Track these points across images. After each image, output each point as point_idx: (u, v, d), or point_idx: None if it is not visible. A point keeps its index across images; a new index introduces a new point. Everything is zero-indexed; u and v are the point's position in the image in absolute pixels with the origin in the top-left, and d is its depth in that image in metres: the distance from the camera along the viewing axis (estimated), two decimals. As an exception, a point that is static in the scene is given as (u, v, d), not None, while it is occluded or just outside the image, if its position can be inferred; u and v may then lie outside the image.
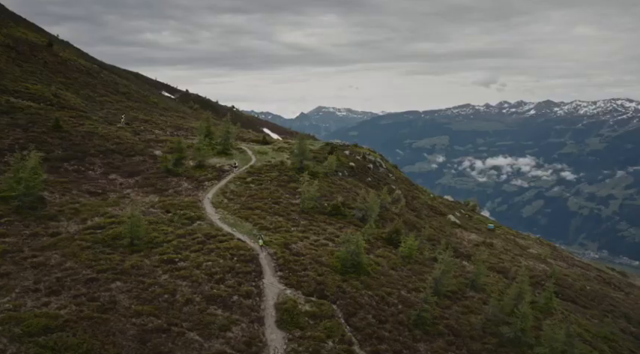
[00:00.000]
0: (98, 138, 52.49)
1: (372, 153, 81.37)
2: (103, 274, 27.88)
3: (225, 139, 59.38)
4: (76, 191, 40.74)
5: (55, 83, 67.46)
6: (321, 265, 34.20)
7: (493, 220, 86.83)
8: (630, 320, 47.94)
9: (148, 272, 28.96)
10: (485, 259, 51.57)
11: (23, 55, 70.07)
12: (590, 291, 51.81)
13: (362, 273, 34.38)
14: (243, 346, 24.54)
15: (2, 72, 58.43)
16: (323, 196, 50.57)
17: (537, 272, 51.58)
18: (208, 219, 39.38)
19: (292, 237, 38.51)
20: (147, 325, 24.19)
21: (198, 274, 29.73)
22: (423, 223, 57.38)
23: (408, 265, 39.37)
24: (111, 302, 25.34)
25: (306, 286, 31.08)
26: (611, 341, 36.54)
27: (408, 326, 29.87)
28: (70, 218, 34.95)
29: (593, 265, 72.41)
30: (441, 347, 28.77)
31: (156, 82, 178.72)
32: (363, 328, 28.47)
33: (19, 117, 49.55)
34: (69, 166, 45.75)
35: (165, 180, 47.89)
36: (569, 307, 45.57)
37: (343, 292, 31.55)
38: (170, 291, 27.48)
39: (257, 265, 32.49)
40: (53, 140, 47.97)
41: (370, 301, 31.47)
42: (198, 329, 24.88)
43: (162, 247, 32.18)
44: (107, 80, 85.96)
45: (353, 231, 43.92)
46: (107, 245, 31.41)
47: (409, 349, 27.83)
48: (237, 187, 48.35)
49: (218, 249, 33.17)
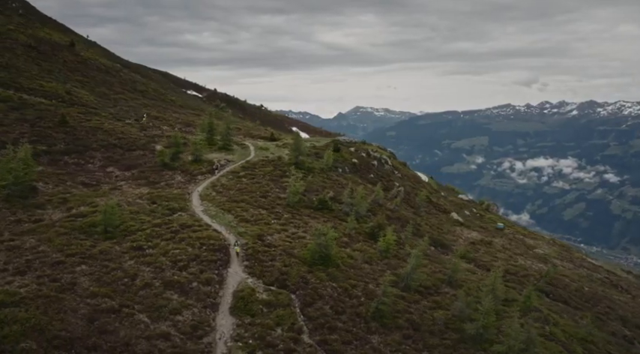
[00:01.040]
0: (102, 133, 54.91)
1: (381, 151, 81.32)
2: (72, 258, 29.54)
3: (225, 135, 60.80)
4: (70, 182, 42.94)
5: (72, 81, 70.79)
6: (291, 257, 34.87)
7: (505, 219, 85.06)
8: (626, 323, 46.30)
9: (114, 258, 30.44)
10: (477, 257, 51.04)
11: (44, 55, 73.87)
12: (588, 292, 50.29)
13: (331, 265, 34.82)
14: (189, 329, 25.55)
15: (19, 70, 61.89)
16: (314, 190, 51.24)
17: (532, 272, 50.49)
18: (191, 210, 40.74)
19: (270, 229, 39.38)
20: (99, 306, 25.57)
21: (163, 260, 31.00)
22: (419, 220, 57.14)
23: (385, 260, 39.52)
24: (71, 283, 26.89)
25: (268, 276, 31.86)
26: (589, 343, 35.53)
27: (365, 318, 30.16)
28: (57, 207, 36.98)
29: (604, 268, 69.92)
30: (395, 340, 28.91)
31: (185, 81, 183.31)
32: (316, 317, 28.98)
33: (29, 113, 52.45)
34: (69, 159, 48.15)
35: (160, 173, 49.68)
36: (558, 307, 44.49)
37: (306, 282, 32.12)
38: (131, 275, 28.83)
39: (225, 255, 33.50)
40: (57, 135, 50.55)
41: (332, 293, 31.92)
42: (148, 312, 26.08)
43: (135, 235, 33.65)
44: (126, 79, 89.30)
45: (336, 224, 44.52)
46: (83, 232, 33.14)
47: (360, 340, 28.16)
48: (228, 181, 49.62)
49: (189, 238, 34.38)
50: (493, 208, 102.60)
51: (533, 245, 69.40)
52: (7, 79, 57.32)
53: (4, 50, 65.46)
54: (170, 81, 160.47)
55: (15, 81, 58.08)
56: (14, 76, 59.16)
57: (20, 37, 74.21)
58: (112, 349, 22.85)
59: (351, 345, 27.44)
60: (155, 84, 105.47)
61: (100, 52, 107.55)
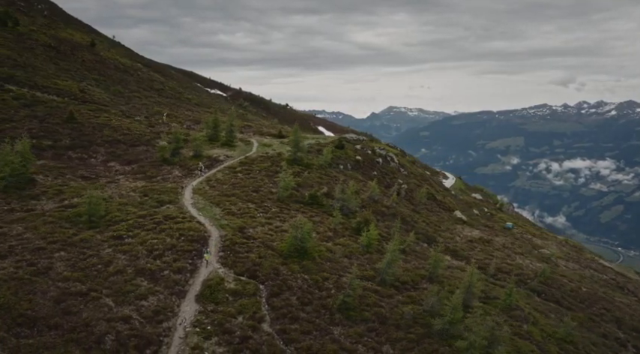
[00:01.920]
0: (108, 129, 57.14)
1: (390, 148, 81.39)
2: (53, 244, 31.23)
3: (228, 131, 62.19)
4: (70, 176, 45.04)
5: (88, 80, 73.73)
6: (268, 249, 35.72)
7: (515, 219, 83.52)
8: (621, 326, 45.09)
9: (93, 246, 31.99)
10: (471, 255, 50.62)
11: (63, 54, 77.17)
12: (585, 293, 49.16)
13: (307, 258, 35.48)
14: (151, 314, 26.72)
15: (36, 69, 64.94)
16: (309, 186, 51.96)
17: (527, 271, 49.72)
18: (180, 203, 42.11)
19: (253, 222, 40.34)
20: (69, 289, 27.05)
21: (139, 249, 32.36)
22: (416, 217, 57.06)
23: (367, 255, 39.85)
24: (46, 268, 28.50)
25: (240, 266, 32.78)
26: (567, 343, 34.89)
27: (331, 310, 30.68)
28: (51, 198, 38.97)
29: (614, 269, 67.93)
30: (358, 332, 29.30)
31: (210, 81, 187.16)
32: (281, 307, 29.71)
33: (39, 110, 55.13)
34: (73, 153, 50.41)
35: (159, 168, 51.40)
36: (549, 307, 43.79)
37: (277, 274, 32.88)
38: (105, 262, 30.27)
39: (202, 245, 34.62)
40: (64, 130, 52.96)
41: (302, 285, 32.56)
42: (115, 296, 27.40)
43: (118, 226, 35.18)
44: (143, 77, 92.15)
45: (323, 219, 45.14)
46: (70, 221, 34.88)
47: (321, 330, 28.71)
48: (223, 176, 50.88)
49: (170, 229, 35.68)
50: (509, 207, 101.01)
51: (541, 245, 68.08)
52: (22, 78, 60.29)
53: (23, 50, 68.78)
54: (194, 80, 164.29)
55: (30, 79, 61.04)
56: (30, 75, 62.15)
57: (41, 38, 77.75)
58: (72, 328, 24.21)
59: (310, 335, 28.02)
60: (174, 83, 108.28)
61: (122, 52, 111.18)
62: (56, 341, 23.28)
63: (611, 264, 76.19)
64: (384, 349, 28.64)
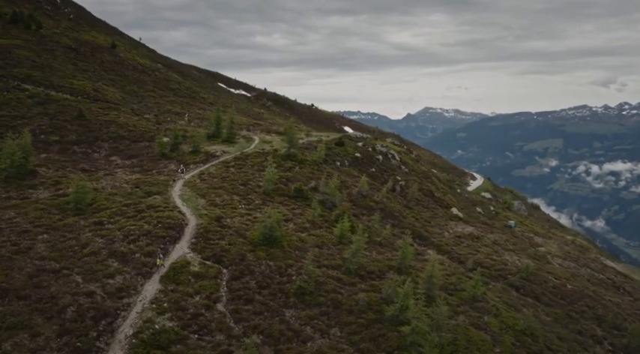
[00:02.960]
0: (115, 126, 60.67)
1: (393, 146, 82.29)
2: (38, 228, 34.31)
3: (229, 128, 64.81)
4: (70, 168, 48.47)
5: (104, 80, 77.96)
6: (240, 237, 37.88)
7: (519, 217, 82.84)
8: (602, 323, 45.04)
9: (75, 230, 34.91)
10: (455, 250, 51.39)
11: (82, 56, 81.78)
12: (569, 290, 49.13)
13: (275, 246, 37.45)
14: (115, 290, 29.26)
15: (53, 70, 69.42)
16: (298, 181, 53.83)
17: (511, 267, 50.05)
18: (168, 194, 44.76)
19: (233, 213, 42.58)
20: (44, 267, 29.94)
21: (117, 234, 35.07)
22: (407, 213, 58.10)
23: (339, 245, 41.42)
24: (27, 248, 31.52)
25: (208, 252, 35.04)
26: (526, 336, 35.42)
27: (287, 294, 32.55)
28: (47, 188, 42.32)
29: (617, 269, 66.86)
30: (309, 315, 31.06)
31: (235, 81, 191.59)
32: (238, 290, 31.78)
33: (51, 108, 59.16)
34: (78, 148, 54.01)
35: (156, 162, 54.41)
36: (526, 302, 44.25)
37: (242, 259, 34.98)
38: (82, 244, 33.09)
39: (178, 232, 37.12)
40: (72, 127, 56.72)
41: (264, 270, 34.55)
42: (84, 274, 30.11)
43: (101, 213, 38.07)
44: (160, 77, 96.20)
45: (304, 211, 46.97)
46: (59, 208, 37.98)
47: (273, 312, 30.61)
48: (216, 170, 53.39)
49: (150, 217, 38.30)
50: (520, 206, 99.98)
51: (540, 243, 67.79)
52: (39, 78, 64.69)
53: (43, 52, 73.50)
54: (218, 81, 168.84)
55: (47, 79, 65.41)
56: (47, 75, 66.55)
57: (63, 40, 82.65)
58: (39, 300, 26.99)
59: (261, 315, 29.98)
60: (192, 83, 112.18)
61: (144, 53, 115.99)
62: (22, 310, 26.09)
63: (618, 265, 74.81)
64: (331, 331, 30.31)
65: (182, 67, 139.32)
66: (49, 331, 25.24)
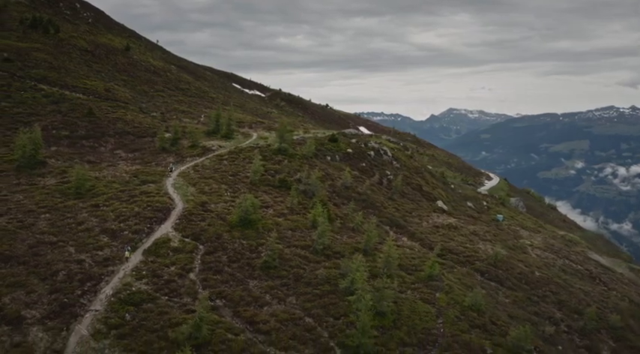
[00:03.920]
0: (122, 123, 66.05)
1: (387, 143, 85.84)
2: (42, 209, 39.47)
3: (227, 125, 69.54)
4: (77, 160, 53.77)
5: (116, 80, 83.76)
6: (220, 220, 42.37)
7: (511, 211, 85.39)
8: (562, 307, 47.87)
9: (73, 210, 39.94)
10: (427, 237, 54.87)
11: (97, 58, 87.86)
12: (537, 277, 52.02)
13: (250, 228, 41.80)
14: (102, 260, 34.06)
15: (68, 71, 75.38)
16: (286, 173, 58.08)
17: (481, 254, 53.17)
18: (162, 183, 49.59)
19: (219, 199, 47.14)
20: (43, 239, 34.95)
21: (110, 215, 39.97)
22: (388, 203, 61.75)
23: (312, 229, 45.44)
24: (31, 224, 36.61)
25: (188, 231, 39.62)
26: (472, 311, 38.66)
27: (254, 267, 36.83)
28: (54, 176, 47.61)
29: (600, 262, 69.01)
30: (270, 286, 35.26)
31: (250, 82, 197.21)
32: (210, 262, 36.21)
33: (64, 106, 64.88)
34: (86, 142, 59.43)
35: (156, 155, 59.42)
36: (489, 285, 47.46)
37: (218, 238, 39.43)
38: (78, 223, 38.06)
39: (165, 215, 41.84)
40: (82, 123, 62.25)
41: (237, 247, 38.91)
42: (77, 246, 34.99)
43: (98, 197, 43.07)
44: (171, 78, 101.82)
45: (285, 199, 51.14)
46: (62, 193, 43.15)
47: (238, 281, 34.93)
48: (210, 163, 58.08)
49: (141, 201, 43.14)
50: (518, 203, 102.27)
51: (524, 236, 70.41)
52: (55, 79, 70.64)
53: (60, 54, 79.66)
54: (233, 81, 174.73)
55: (61, 80, 71.33)
56: (62, 76, 72.50)
57: (80, 43, 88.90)
58: (36, 265, 31.92)
59: (226, 284, 34.35)
60: (203, 83, 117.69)
61: (159, 55, 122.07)
62: (21, 272, 31.05)
63: (607, 259, 76.69)
64: (288, 299, 34.46)
65: (196, 68, 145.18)
66: (42, 289, 30.10)
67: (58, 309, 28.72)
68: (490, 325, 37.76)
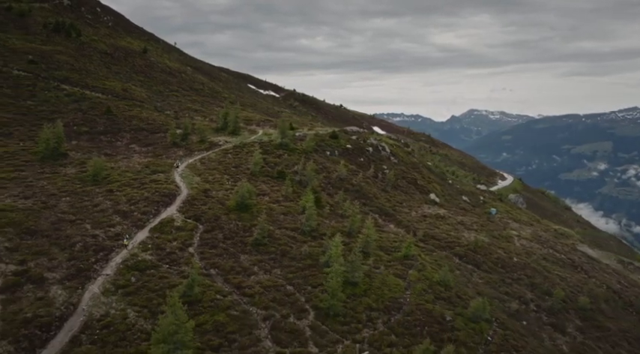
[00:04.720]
0: (137, 120, 71.86)
1: (388, 140, 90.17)
2: (63, 193, 45.10)
3: (234, 122, 74.83)
4: (96, 152, 59.54)
5: (133, 81, 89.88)
6: (220, 204, 47.51)
7: (502, 206, 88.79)
8: (534, 289, 51.67)
9: (90, 195, 45.49)
10: (413, 225, 59.13)
11: (116, 60, 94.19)
12: (515, 263, 55.86)
13: (246, 211, 46.83)
14: (113, 235, 39.41)
15: (89, 72, 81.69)
16: (285, 165, 63.04)
17: (463, 241, 57.16)
18: (170, 173, 55.01)
19: (220, 187, 52.32)
20: (64, 218, 40.46)
21: (122, 198, 45.42)
22: (381, 195, 66.18)
23: (303, 214, 50.22)
24: (53, 205, 42.21)
25: (190, 213, 44.82)
26: (441, 286, 42.84)
27: (246, 244, 41.82)
28: (75, 166, 53.35)
29: (588, 253, 72.18)
30: (259, 260, 40.17)
31: (265, 82, 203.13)
32: (208, 239, 41.32)
33: (84, 104, 70.96)
34: (104, 137, 65.30)
35: (168, 149, 64.94)
36: (465, 268, 51.58)
37: (217, 219, 44.55)
38: (94, 205, 43.56)
39: (171, 199, 47.15)
40: (100, 120, 68.22)
41: (232, 227, 43.96)
42: (93, 223, 40.43)
43: (113, 184, 48.59)
44: (186, 79, 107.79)
45: (281, 188, 56.05)
46: (80, 180, 48.81)
47: (230, 255, 39.93)
48: (216, 156, 63.38)
49: (150, 188, 48.53)
50: (517, 199, 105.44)
51: (513, 228, 74.01)
52: (76, 79, 76.93)
53: (81, 57, 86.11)
54: (248, 82, 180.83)
55: (82, 80, 77.59)
56: (83, 77, 78.79)
57: (100, 46, 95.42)
58: (57, 237, 37.41)
59: (220, 257, 39.37)
60: (217, 84, 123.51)
61: (176, 57, 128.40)
62: (44, 243, 36.55)
63: (596, 251, 79.63)
64: (274, 271, 39.34)
65: (211, 69, 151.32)
66: (62, 257, 35.52)
67: (75, 272, 34.08)
68: (455, 299, 42.00)
